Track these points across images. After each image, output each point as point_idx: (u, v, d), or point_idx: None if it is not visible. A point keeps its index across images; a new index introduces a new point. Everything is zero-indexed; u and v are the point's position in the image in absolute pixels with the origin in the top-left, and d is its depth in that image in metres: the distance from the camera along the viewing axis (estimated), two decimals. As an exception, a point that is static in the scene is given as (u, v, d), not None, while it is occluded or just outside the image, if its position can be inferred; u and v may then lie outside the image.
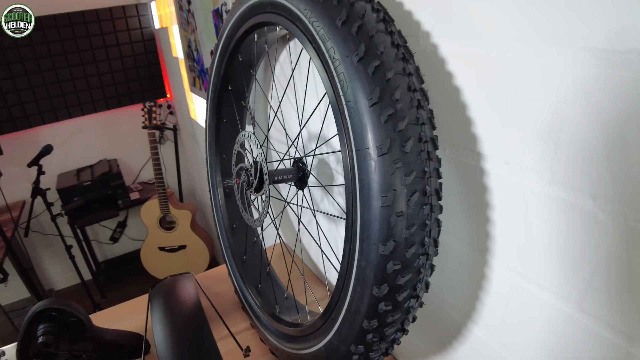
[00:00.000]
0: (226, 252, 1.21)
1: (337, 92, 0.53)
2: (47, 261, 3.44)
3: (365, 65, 0.50)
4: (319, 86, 0.92)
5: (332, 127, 0.91)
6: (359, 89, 0.50)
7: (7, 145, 2.85)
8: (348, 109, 0.51)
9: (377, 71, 0.50)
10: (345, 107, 0.52)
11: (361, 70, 0.50)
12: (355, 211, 0.52)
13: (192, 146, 2.95)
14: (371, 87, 0.49)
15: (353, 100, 0.50)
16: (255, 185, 0.87)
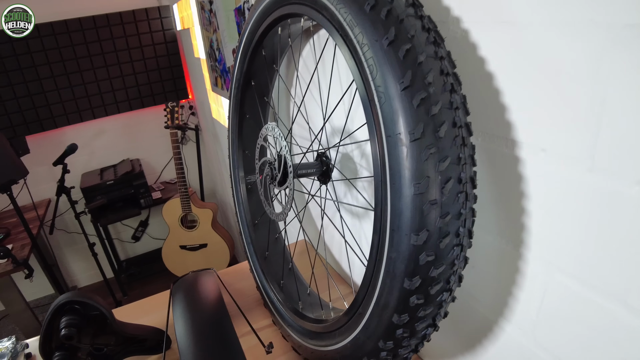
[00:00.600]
0: (248, 248, 1.20)
1: (365, 78, 0.52)
2: (70, 259, 3.49)
3: (396, 49, 0.48)
4: (343, 79, 0.91)
5: (356, 121, 0.89)
6: (390, 73, 0.48)
7: (34, 145, 2.91)
8: (378, 95, 0.49)
9: (408, 54, 0.48)
10: (375, 92, 0.50)
11: (392, 54, 0.48)
12: (385, 201, 0.51)
13: (214, 146, 2.96)
14: (402, 71, 0.47)
15: (383, 85, 0.49)
16: (278, 179, 0.86)
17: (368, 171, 0.91)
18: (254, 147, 1.23)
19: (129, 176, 2.93)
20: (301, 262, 1.26)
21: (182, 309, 1.08)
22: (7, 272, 2.20)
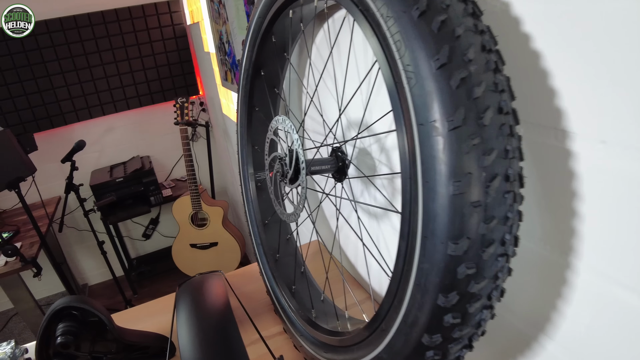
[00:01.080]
0: (258, 250, 1.13)
1: (391, 56, 0.44)
2: (80, 256, 3.46)
3: (429, 21, 0.40)
4: (360, 66, 0.83)
5: (374, 112, 0.82)
6: (421, 49, 0.40)
7: (43, 142, 2.87)
8: (407, 75, 0.41)
9: (444, 27, 0.40)
10: (403, 73, 0.42)
11: (423, 27, 0.40)
12: (415, 202, 0.43)
13: (224, 142, 2.90)
14: (437, 46, 0.39)
15: (413, 63, 0.41)
16: (290, 176, 0.78)
17: (388, 167, 0.83)
18: (264, 141, 1.16)
19: (138, 173, 2.88)
20: (313, 264, 1.18)
21: (187, 314, 1.01)
22: (16, 271, 2.16)
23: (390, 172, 0.76)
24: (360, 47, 0.80)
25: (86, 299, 0.90)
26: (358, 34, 0.79)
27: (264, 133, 1.15)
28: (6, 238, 2.43)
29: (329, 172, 0.81)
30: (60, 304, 0.87)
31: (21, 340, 3.02)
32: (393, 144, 0.79)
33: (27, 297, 2.38)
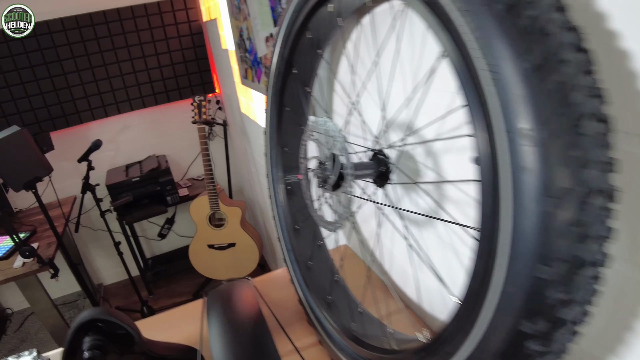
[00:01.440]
0: (289, 256, 1.10)
1: (466, 55, 0.40)
2: (96, 256, 3.46)
3: (516, 16, 0.36)
4: (407, 63, 0.79)
5: (423, 113, 0.77)
6: (509, 47, 0.36)
7: (58, 141, 2.85)
8: (491, 76, 0.37)
9: (534, 23, 0.36)
10: (485, 73, 0.38)
11: (510, 23, 0.36)
12: (497, 218, 0.39)
13: (242, 142, 2.86)
14: (528, 45, 0.35)
15: (498, 63, 0.37)
16: (332, 182, 0.74)
17: (435, 172, 0.79)
18: (295, 143, 1.12)
19: (155, 173, 2.86)
20: (343, 271, 1.14)
21: (219, 325, 0.98)
22: (33, 272, 2.14)
23: (460, 180, 0.70)
24: (407, 40, 0.76)
25: (113, 311, 0.87)
26: (405, 29, 0.75)
27: (295, 134, 1.11)
28: (23, 239, 2.41)
29: (371, 177, 0.77)
30: (86, 317, 0.84)
31: (37, 340, 3.03)
32: (442, 148, 0.75)
33: (44, 298, 2.37)
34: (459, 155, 0.72)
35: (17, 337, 3.11)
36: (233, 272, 2.84)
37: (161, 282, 3.46)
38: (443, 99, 0.69)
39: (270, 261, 3.35)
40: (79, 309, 3.30)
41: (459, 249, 0.78)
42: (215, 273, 2.85)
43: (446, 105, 0.69)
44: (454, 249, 0.80)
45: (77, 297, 3.44)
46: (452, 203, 0.76)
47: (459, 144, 0.70)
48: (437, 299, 0.88)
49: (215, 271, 2.84)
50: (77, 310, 3.29)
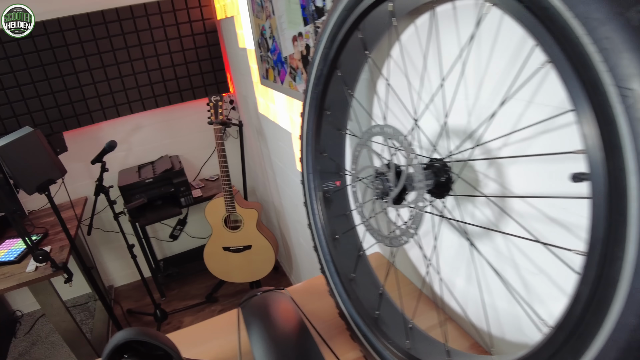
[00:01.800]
0: (327, 267, 1.03)
1: (586, 67, 0.34)
2: (106, 257, 3.40)
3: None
4: (471, 64, 0.72)
5: (482, 119, 0.70)
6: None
7: (70, 142, 2.80)
8: (620, 93, 0.31)
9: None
10: (613, 90, 0.32)
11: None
12: (615, 243, 0.32)
13: (258, 143, 2.80)
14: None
15: (632, 81, 0.30)
16: (394, 196, 0.68)
17: (498, 184, 0.72)
18: (334, 148, 1.05)
19: (169, 174, 2.79)
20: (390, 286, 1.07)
21: (262, 338, 0.92)
22: (47, 277, 2.08)
23: (566, 196, 0.63)
24: (479, 44, 0.69)
25: (150, 331, 0.81)
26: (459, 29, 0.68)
27: (335, 139, 1.05)
28: (35, 241, 2.36)
29: (429, 189, 0.70)
30: (122, 338, 0.77)
31: (48, 343, 2.97)
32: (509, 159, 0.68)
33: (57, 302, 2.31)
34: (527, 166, 0.65)
35: (27, 340, 3.05)
36: (248, 275, 2.78)
37: (173, 285, 3.40)
38: (518, 106, 0.63)
39: (285, 264, 3.29)
40: (90, 312, 3.25)
41: (520, 264, 0.72)
42: (230, 276, 2.79)
43: (519, 114, 0.63)
44: (514, 264, 0.73)
45: (87, 299, 3.39)
46: (517, 216, 0.69)
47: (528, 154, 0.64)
48: (505, 318, 0.81)
49: (230, 274, 2.78)
50: (88, 313, 3.23)
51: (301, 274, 2.83)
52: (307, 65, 1.44)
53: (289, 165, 2.17)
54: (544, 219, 0.65)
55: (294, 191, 2.26)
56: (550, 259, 0.65)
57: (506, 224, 0.75)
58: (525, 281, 0.73)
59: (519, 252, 0.74)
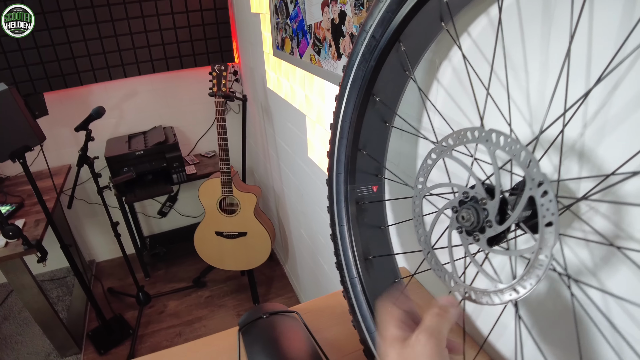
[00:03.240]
0: (354, 293, 0.82)
1: None
2: (90, 231, 3.17)
3: None
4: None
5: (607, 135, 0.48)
6: None
7: (55, 104, 2.54)
8: None
9: None
10: None
11: None
12: None
13: (262, 121, 2.55)
14: None
15: None
16: (488, 233, 0.46)
17: (611, 222, 0.50)
18: (377, 144, 0.83)
19: (162, 147, 2.55)
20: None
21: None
22: (17, 255, 1.86)
23: None
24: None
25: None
26: None
27: (380, 133, 0.82)
28: (7, 213, 2.12)
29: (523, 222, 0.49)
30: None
31: (21, 319, 2.76)
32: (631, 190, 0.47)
33: (29, 281, 2.09)
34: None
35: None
36: (241, 263, 2.56)
37: (159, 265, 3.18)
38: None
39: (280, 253, 3.08)
40: (68, 287, 3.03)
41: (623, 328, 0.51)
42: (221, 262, 2.57)
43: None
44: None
45: (66, 272, 3.17)
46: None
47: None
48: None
49: (221, 260, 2.56)
50: (65, 289, 3.02)
51: (298, 266, 2.62)
52: (339, 36, 1.20)
53: (297, 152, 1.93)
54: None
55: (300, 180, 2.03)
56: None
57: (610, 274, 0.54)
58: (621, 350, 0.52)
59: (624, 316, 0.53)
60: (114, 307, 2.78)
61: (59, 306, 2.84)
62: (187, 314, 2.73)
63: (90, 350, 2.49)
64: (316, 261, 2.11)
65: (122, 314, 2.70)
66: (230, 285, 2.95)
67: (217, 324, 2.63)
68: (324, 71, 1.33)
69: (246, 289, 2.86)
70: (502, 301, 0.46)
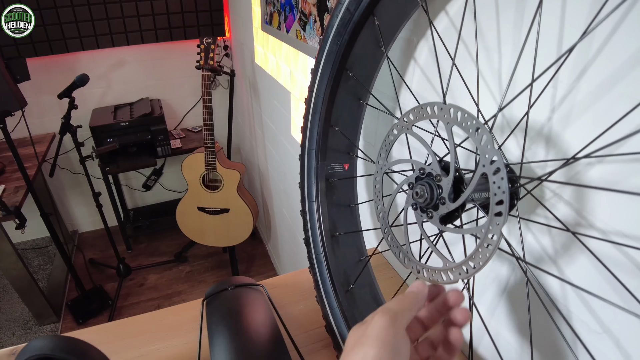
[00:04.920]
0: (319, 269, 0.82)
1: None
2: (73, 201, 3.14)
3: None
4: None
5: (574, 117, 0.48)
6: None
7: (40, 70, 2.50)
8: None
9: None
10: None
11: None
12: None
13: (249, 97, 2.52)
14: None
15: None
16: (441, 210, 0.46)
17: (573, 210, 0.50)
18: (350, 122, 0.82)
19: (147, 119, 2.51)
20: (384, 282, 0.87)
21: (223, 348, 0.71)
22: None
23: None
24: None
25: (71, 344, 0.59)
26: None
27: (352, 110, 0.81)
28: (-14, 179, 2.09)
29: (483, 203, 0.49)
30: (36, 352, 0.56)
31: (1, 286, 2.74)
32: (598, 176, 0.46)
33: (7, 247, 2.08)
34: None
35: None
36: (223, 239, 2.56)
37: (142, 238, 3.17)
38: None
39: (263, 231, 3.08)
40: (49, 256, 3.02)
41: (577, 315, 0.51)
42: (202, 238, 2.57)
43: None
44: (567, 311, 0.53)
45: (49, 242, 3.15)
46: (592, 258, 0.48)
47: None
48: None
49: (203, 236, 2.56)
50: (47, 258, 3.00)
51: (279, 245, 2.62)
52: (324, 11, 1.18)
53: (282, 130, 1.92)
54: (635, 270, 0.45)
55: (283, 159, 2.02)
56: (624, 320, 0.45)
57: (569, 262, 0.54)
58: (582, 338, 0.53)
59: (580, 302, 0.53)
60: (95, 278, 2.78)
61: (40, 275, 2.83)
62: (166, 288, 2.73)
63: (68, 320, 2.49)
64: (295, 240, 2.12)
65: (102, 285, 2.69)
66: (212, 261, 2.95)
67: (196, 299, 2.63)
68: (308, 47, 1.31)
69: (227, 266, 2.87)
70: (451, 280, 0.46)
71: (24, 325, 2.46)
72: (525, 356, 0.64)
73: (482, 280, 0.71)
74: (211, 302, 0.85)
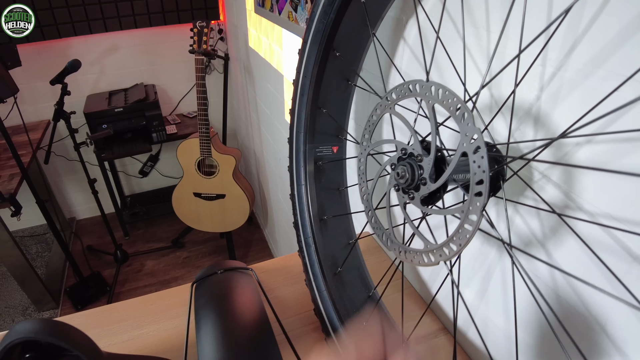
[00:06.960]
0: (308, 253, 0.81)
1: None
2: (70, 188, 3.14)
3: None
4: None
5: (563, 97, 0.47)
6: None
7: (33, 56, 2.47)
8: None
9: None
10: None
11: None
12: None
13: (244, 81, 2.50)
14: None
15: None
16: (425, 193, 0.45)
17: (561, 191, 0.49)
18: (338, 103, 0.81)
19: (142, 104, 2.50)
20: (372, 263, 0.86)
21: (209, 331, 0.71)
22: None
23: None
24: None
25: (60, 328, 0.58)
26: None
27: (340, 91, 0.80)
28: (-20, 166, 2.08)
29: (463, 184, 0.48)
30: (19, 335, 0.55)
31: (0, 273, 2.76)
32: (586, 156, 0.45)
33: (4, 234, 2.08)
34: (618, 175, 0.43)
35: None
36: (219, 224, 2.56)
37: (139, 224, 3.18)
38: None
39: (260, 216, 3.08)
40: (47, 243, 3.02)
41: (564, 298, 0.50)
42: (199, 223, 2.57)
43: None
44: (555, 296, 0.52)
45: (46, 229, 3.15)
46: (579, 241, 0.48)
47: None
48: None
49: (199, 222, 2.56)
50: (45, 245, 3.01)
51: (275, 231, 2.62)
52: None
53: (276, 114, 1.90)
54: (623, 254, 0.44)
55: (277, 144, 2.00)
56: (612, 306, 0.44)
57: (558, 245, 0.53)
58: (570, 320, 0.52)
59: (566, 284, 0.53)
60: (92, 264, 2.78)
61: (38, 262, 2.84)
62: (163, 274, 2.74)
63: (67, 306, 2.50)
64: (290, 225, 2.11)
65: (100, 272, 2.70)
66: (209, 247, 2.95)
67: (194, 285, 2.64)
68: (299, 28, 1.29)
69: (224, 252, 2.87)
70: (432, 261, 0.46)
71: (23, 311, 2.47)
72: (513, 340, 0.64)
73: (471, 264, 0.71)
74: (200, 286, 0.85)
